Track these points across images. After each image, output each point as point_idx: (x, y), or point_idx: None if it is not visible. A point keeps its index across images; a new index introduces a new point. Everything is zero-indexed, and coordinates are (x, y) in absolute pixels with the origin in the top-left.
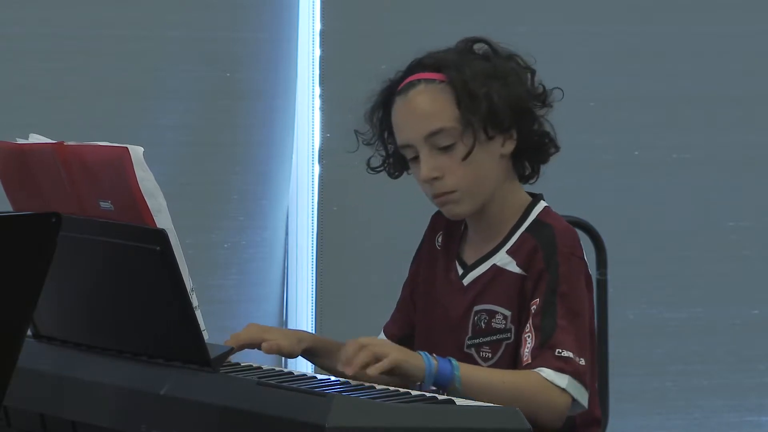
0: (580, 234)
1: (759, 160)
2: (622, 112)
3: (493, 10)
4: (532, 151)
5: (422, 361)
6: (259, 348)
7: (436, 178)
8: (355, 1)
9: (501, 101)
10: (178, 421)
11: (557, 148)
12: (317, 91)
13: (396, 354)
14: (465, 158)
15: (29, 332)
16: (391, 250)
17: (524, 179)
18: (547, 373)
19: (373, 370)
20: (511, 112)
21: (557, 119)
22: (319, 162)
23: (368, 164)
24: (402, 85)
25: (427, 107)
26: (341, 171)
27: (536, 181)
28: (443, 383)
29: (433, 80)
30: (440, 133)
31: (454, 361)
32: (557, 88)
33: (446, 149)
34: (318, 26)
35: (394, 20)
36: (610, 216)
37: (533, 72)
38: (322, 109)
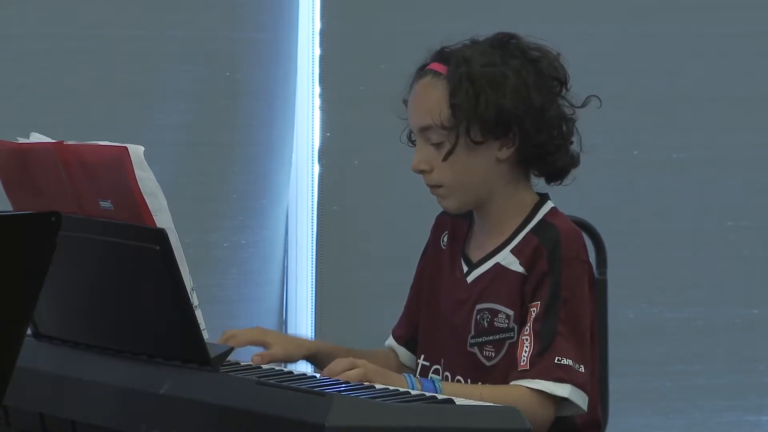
0: None
1: (759, 160)
2: (622, 112)
3: (494, 10)
4: (533, 159)
5: (406, 383)
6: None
7: (424, 170)
8: (355, 1)
9: (492, 108)
10: (178, 421)
11: (571, 160)
12: (317, 91)
13: (379, 379)
14: (444, 159)
15: (29, 332)
16: (391, 250)
17: (549, 180)
18: (546, 385)
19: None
20: (504, 120)
21: None
22: (319, 162)
23: (409, 137)
24: (420, 69)
25: (425, 101)
26: (341, 171)
27: (561, 183)
28: None
29: (439, 74)
30: (430, 129)
31: (437, 382)
32: (594, 95)
33: (437, 145)
34: (318, 26)
35: (394, 20)
36: (610, 216)
37: (561, 80)
38: (322, 109)
